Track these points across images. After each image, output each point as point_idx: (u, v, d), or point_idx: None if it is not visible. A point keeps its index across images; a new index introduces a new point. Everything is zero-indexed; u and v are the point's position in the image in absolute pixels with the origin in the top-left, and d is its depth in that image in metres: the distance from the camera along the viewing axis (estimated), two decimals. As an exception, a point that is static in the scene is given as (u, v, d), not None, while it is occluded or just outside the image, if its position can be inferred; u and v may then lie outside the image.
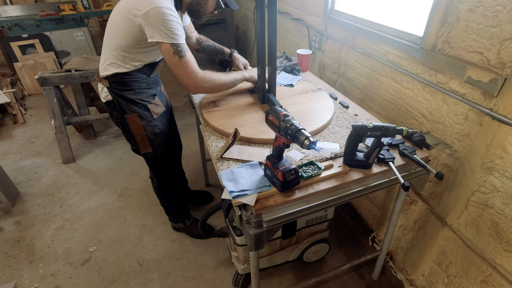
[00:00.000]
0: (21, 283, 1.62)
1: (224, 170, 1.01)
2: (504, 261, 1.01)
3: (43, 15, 3.64)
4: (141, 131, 1.37)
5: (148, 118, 1.36)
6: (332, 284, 1.56)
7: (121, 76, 1.25)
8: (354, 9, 1.60)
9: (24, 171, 2.46)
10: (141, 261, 1.71)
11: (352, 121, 1.29)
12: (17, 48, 3.52)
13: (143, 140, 1.40)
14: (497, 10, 0.87)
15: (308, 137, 0.80)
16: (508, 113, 0.89)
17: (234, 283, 1.55)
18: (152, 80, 1.36)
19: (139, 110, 1.33)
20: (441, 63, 1.08)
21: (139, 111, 1.33)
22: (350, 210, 1.95)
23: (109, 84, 1.29)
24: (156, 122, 1.40)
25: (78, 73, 2.29)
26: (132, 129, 1.37)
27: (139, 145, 1.43)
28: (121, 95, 1.29)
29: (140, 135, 1.38)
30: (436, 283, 1.34)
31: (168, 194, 1.69)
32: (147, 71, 1.31)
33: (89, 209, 2.07)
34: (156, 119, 1.40)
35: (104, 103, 1.40)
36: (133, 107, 1.32)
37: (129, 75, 1.26)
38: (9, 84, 3.61)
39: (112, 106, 1.37)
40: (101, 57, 1.30)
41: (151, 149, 1.44)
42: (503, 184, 0.95)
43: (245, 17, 3.45)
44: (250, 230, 0.90)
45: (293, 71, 1.72)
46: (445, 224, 1.22)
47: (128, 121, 1.34)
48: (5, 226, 1.96)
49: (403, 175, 1.04)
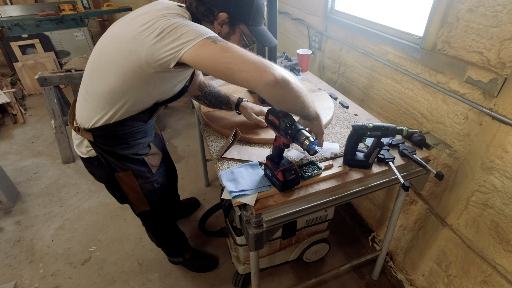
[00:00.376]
0: (21, 283, 1.62)
1: (224, 170, 1.01)
2: (504, 261, 1.01)
3: (43, 15, 3.63)
4: (137, 189, 1.11)
5: (146, 175, 1.10)
6: (332, 284, 1.56)
7: (112, 128, 0.96)
8: (354, 9, 1.60)
9: (24, 171, 2.46)
10: (141, 261, 1.71)
11: (352, 121, 1.29)
12: (17, 48, 3.52)
13: (139, 199, 1.14)
14: (497, 10, 0.87)
15: (308, 137, 0.80)
16: (508, 113, 0.89)
17: (234, 283, 1.55)
18: (148, 126, 1.08)
19: (134, 167, 1.06)
20: (441, 63, 1.08)
21: (134, 168, 1.06)
22: (350, 210, 1.95)
23: (94, 138, 0.98)
24: (155, 176, 1.14)
25: (78, 73, 2.28)
26: (125, 189, 1.09)
27: (133, 205, 1.16)
28: (110, 152, 1.01)
29: (136, 194, 1.12)
30: (436, 283, 1.34)
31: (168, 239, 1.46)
32: (145, 117, 1.01)
33: (89, 209, 2.07)
34: (155, 173, 1.14)
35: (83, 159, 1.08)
36: (127, 165, 1.04)
37: (124, 125, 0.97)
38: (9, 84, 3.61)
39: (96, 163, 1.07)
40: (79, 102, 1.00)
41: (149, 207, 1.18)
42: (503, 184, 0.95)
43: (245, 17, 3.45)
44: (250, 230, 0.90)
45: (293, 71, 1.72)
46: (445, 224, 1.22)
47: (119, 181, 1.06)
48: (5, 226, 1.96)
49: (403, 175, 1.04)
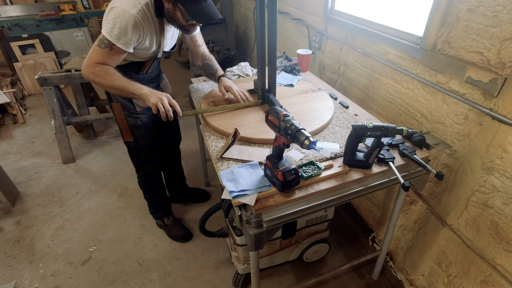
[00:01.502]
0: (21, 283, 1.62)
1: (224, 170, 1.01)
2: (504, 261, 1.01)
3: (43, 15, 3.64)
4: (123, 120, 1.44)
5: (130, 110, 1.42)
6: (332, 284, 1.56)
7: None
8: (354, 9, 1.60)
9: (24, 171, 2.46)
10: (141, 261, 1.71)
11: (352, 121, 1.29)
12: (17, 48, 3.52)
13: (125, 129, 1.47)
14: (497, 10, 0.87)
15: (308, 137, 0.80)
16: (508, 113, 0.89)
17: (234, 283, 1.55)
18: (142, 77, 1.40)
19: (122, 100, 1.39)
20: (441, 63, 1.08)
21: (122, 101, 1.39)
22: (350, 210, 1.95)
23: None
24: (139, 114, 1.44)
25: (78, 73, 2.29)
26: (116, 117, 1.45)
27: (122, 132, 1.49)
28: None
29: (122, 124, 1.45)
30: (436, 283, 1.34)
31: (147, 187, 1.73)
32: (134, 68, 1.36)
33: (89, 209, 2.07)
34: (140, 112, 1.44)
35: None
36: (118, 97, 1.38)
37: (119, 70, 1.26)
38: (9, 84, 3.61)
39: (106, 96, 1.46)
40: None
41: (133, 139, 1.50)
42: (503, 184, 0.95)
43: (245, 17, 3.45)
44: (250, 230, 0.90)
45: (293, 71, 1.72)
46: (445, 224, 1.22)
47: (113, 109, 1.43)
48: (5, 226, 1.96)
49: (403, 175, 1.04)
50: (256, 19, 1.21)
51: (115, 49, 1.14)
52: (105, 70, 1.17)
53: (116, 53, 1.16)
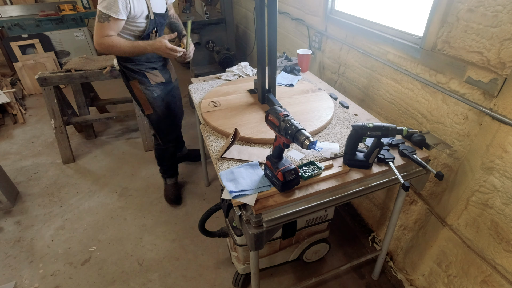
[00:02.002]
0: (21, 283, 1.62)
1: (224, 170, 1.01)
2: (504, 261, 1.01)
3: (43, 15, 3.64)
4: (142, 95, 1.65)
5: (146, 84, 1.65)
6: (332, 284, 1.56)
7: None
8: (354, 9, 1.60)
9: (24, 171, 2.46)
10: (141, 261, 1.71)
11: (352, 121, 1.29)
12: (17, 48, 3.52)
13: (145, 103, 1.68)
14: (497, 10, 0.87)
15: (308, 137, 0.80)
16: (508, 113, 0.89)
17: (234, 283, 1.55)
18: (151, 55, 1.61)
19: (138, 77, 1.62)
20: (441, 63, 1.08)
21: (138, 77, 1.62)
22: (350, 210, 1.95)
23: (116, 57, 1.61)
24: (153, 87, 1.67)
25: (78, 73, 2.29)
26: (136, 93, 1.66)
27: (143, 108, 1.70)
28: (124, 66, 1.60)
29: (142, 99, 1.67)
30: (436, 283, 1.34)
31: (160, 155, 1.99)
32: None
33: (89, 209, 2.07)
34: (154, 86, 1.67)
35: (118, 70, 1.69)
36: (134, 75, 1.62)
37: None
38: (9, 84, 3.61)
39: (121, 75, 1.67)
40: None
41: (152, 111, 1.72)
42: (503, 184, 0.95)
43: (245, 17, 3.45)
44: (250, 230, 0.90)
45: (293, 71, 1.72)
46: (445, 224, 1.22)
47: (132, 86, 1.64)
48: (5, 226, 1.96)
49: (403, 175, 1.04)
50: (256, 19, 1.21)
51: (112, 20, 1.35)
52: (111, 41, 1.39)
53: (114, 23, 1.37)
